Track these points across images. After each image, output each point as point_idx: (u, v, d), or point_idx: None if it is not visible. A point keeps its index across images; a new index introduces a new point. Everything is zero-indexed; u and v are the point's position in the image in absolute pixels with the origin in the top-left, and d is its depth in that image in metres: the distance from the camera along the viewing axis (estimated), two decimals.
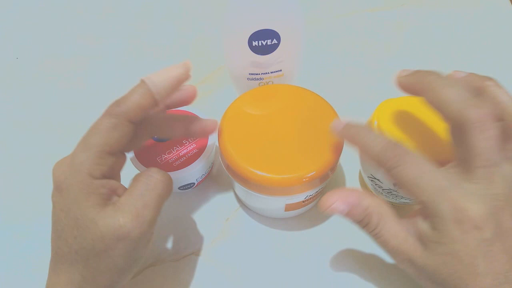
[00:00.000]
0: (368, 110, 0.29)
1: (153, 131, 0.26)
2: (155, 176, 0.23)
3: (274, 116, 0.28)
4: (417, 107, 0.28)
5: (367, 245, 0.30)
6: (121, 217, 0.21)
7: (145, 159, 0.30)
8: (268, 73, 0.31)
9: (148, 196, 0.22)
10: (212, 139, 0.31)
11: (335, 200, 0.23)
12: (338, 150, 0.27)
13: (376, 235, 0.23)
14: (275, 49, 0.29)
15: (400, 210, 0.32)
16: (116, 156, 0.23)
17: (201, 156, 0.30)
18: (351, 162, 0.34)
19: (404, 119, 0.27)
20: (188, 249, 0.30)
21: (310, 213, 0.32)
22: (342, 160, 0.34)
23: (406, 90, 0.24)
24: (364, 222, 0.23)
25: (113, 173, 0.23)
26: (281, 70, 0.31)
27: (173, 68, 0.24)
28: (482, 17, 0.47)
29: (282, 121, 0.28)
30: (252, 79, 0.32)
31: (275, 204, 0.29)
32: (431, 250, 0.20)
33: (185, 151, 0.30)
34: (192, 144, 0.31)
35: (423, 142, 0.26)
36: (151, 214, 0.22)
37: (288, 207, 0.29)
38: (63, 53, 0.45)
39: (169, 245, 0.31)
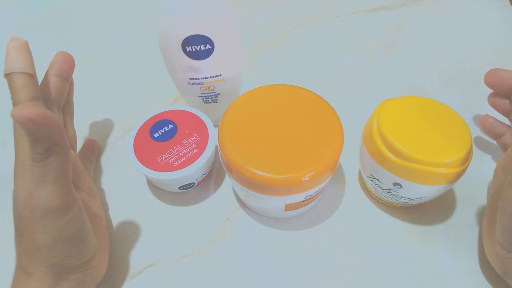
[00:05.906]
0: (368, 110, 0.29)
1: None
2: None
3: (274, 116, 0.28)
4: (417, 107, 0.28)
5: (367, 245, 0.30)
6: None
7: (145, 159, 0.30)
8: (208, 77, 0.31)
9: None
10: (212, 139, 0.31)
11: None
12: (338, 150, 0.27)
13: None
14: (210, 55, 0.30)
15: (400, 210, 0.32)
16: None
17: (201, 156, 0.30)
18: (351, 162, 0.34)
19: (404, 119, 0.27)
20: (188, 249, 0.30)
21: (310, 213, 0.32)
22: (342, 160, 0.34)
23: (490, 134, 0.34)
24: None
25: None
26: (221, 75, 0.32)
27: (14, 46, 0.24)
28: (482, 18, 0.47)
29: (282, 121, 0.28)
30: (193, 83, 0.32)
31: (275, 204, 0.29)
32: None
33: (185, 151, 0.30)
34: (192, 144, 0.31)
35: (422, 142, 0.26)
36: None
37: (288, 207, 0.29)
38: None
39: (169, 245, 0.31)
